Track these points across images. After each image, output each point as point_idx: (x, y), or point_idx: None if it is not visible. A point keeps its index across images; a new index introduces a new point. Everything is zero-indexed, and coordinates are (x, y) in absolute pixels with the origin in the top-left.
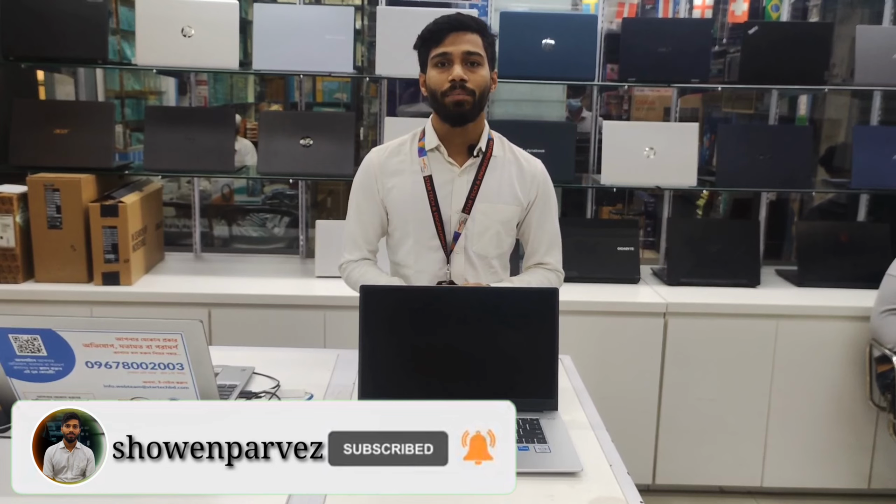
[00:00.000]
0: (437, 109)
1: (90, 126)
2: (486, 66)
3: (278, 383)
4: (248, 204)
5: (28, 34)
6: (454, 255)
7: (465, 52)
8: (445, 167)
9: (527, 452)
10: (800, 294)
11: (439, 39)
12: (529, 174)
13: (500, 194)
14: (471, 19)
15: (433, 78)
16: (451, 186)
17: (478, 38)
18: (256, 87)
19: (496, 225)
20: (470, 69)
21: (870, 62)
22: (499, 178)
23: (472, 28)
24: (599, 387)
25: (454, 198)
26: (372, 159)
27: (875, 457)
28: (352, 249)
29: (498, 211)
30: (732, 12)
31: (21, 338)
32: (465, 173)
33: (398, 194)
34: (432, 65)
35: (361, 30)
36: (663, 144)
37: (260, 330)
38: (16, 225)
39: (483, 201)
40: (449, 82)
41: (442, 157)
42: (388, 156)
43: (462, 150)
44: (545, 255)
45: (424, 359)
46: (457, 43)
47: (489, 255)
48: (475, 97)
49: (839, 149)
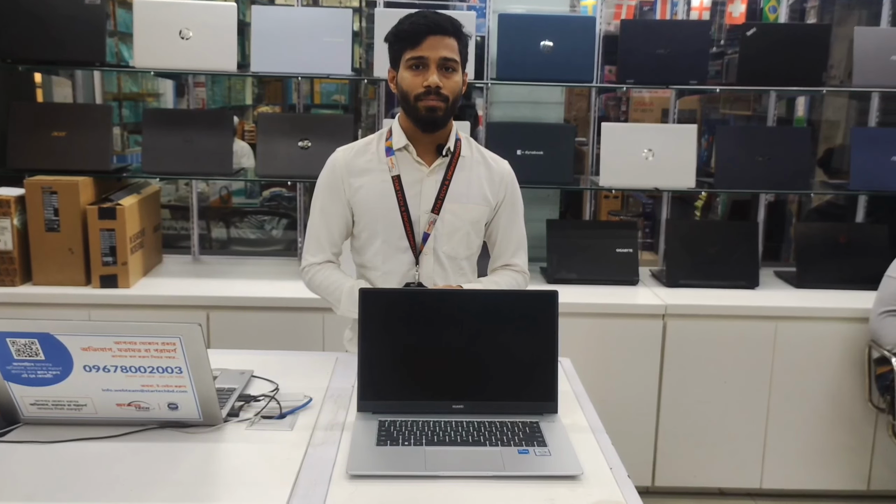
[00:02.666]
0: (407, 111)
1: (88, 129)
2: (460, 71)
3: (277, 387)
4: (247, 206)
5: (26, 37)
6: (423, 257)
7: (441, 57)
8: (414, 167)
9: (527, 456)
10: (798, 296)
11: (416, 42)
12: (498, 174)
13: (469, 195)
14: (448, 22)
15: (407, 80)
16: (419, 186)
17: (454, 42)
18: (254, 89)
19: (465, 225)
20: (445, 74)
21: (868, 63)
22: (467, 178)
23: (449, 32)
24: (598, 389)
25: (423, 198)
26: (337, 158)
27: (874, 458)
28: (315, 251)
29: (467, 211)
30: (730, 14)
31: (19, 342)
32: (434, 173)
33: (365, 194)
34: (406, 66)
35: (360, 32)
36: (662, 146)
37: (258, 332)
38: (13, 228)
39: (452, 201)
40: (424, 87)
41: (410, 156)
42: (355, 155)
43: (430, 149)
44: (512, 256)
45: (424, 362)
46: (434, 47)
47: (458, 255)
48: (448, 103)
49: (838, 150)
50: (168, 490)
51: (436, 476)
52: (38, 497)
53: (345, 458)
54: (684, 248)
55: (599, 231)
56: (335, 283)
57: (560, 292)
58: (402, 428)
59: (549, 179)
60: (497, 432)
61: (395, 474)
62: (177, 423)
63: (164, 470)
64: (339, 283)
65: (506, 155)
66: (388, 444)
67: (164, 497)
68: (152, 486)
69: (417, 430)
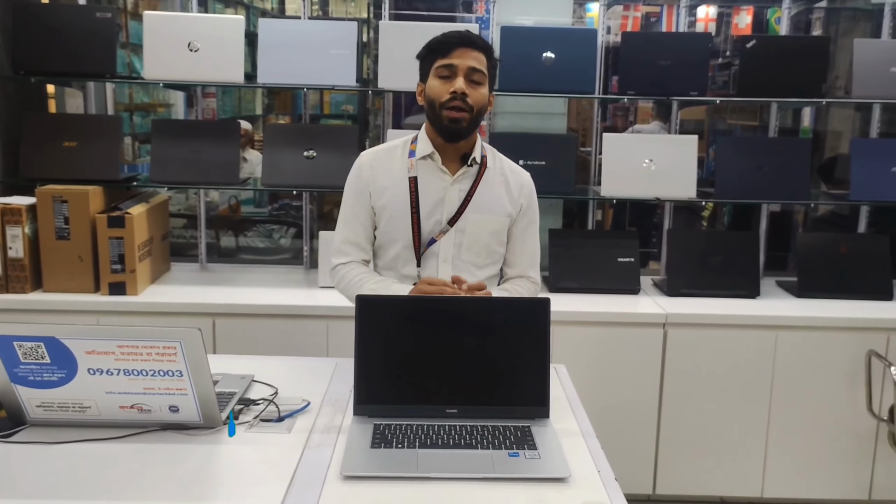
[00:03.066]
0: (432, 120)
1: (98, 139)
2: (487, 86)
3: (276, 391)
4: (255, 215)
5: (38, 49)
6: (443, 265)
7: (469, 67)
8: (437, 175)
9: (517, 458)
10: (799, 305)
11: (447, 52)
12: (517, 185)
13: (491, 206)
14: (479, 38)
15: (434, 88)
16: (442, 194)
17: (483, 57)
18: (264, 100)
19: (487, 236)
20: (472, 85)
21: (868, 75)
22: (490, 189)
23: (479, 47)
24: (599, 397)
25: (446, 206)
26: (363, 163)
27: (875, 467)
28: (339, 255)
29: (490, 222)
30: (736, 25)
31: (25, 345)
32: (458, 182)
33: (388, 198)
34: (435, 75)
35: (367, 43)
36: (663, 156)
37: (263, 339)
38: (24, 236)
39: (476, 212)
40: (450, 93)
41: (435, 165)
42: (380, 159)
43: (455, 158)
44: (527, 268)
45: (418, 367)
46: (463, 57)
47: (479, 263)
48: (472, 114)
49: (840, 160)
50: (168, 489)
51: (427, 478)
52: (44, 495)
53: (340, 460)
54: (685, 257)
55: (601, 240)
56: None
57: (562, 301)
58: (396, 431)
59: (552, 189)
60: (489, 436)
61: (388, 475)
62: (177, 426)
63: (165, 470)
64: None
65: None
66: (382, 447)
67: (164, 496)
68: (153, 485)
69: (411, 434)
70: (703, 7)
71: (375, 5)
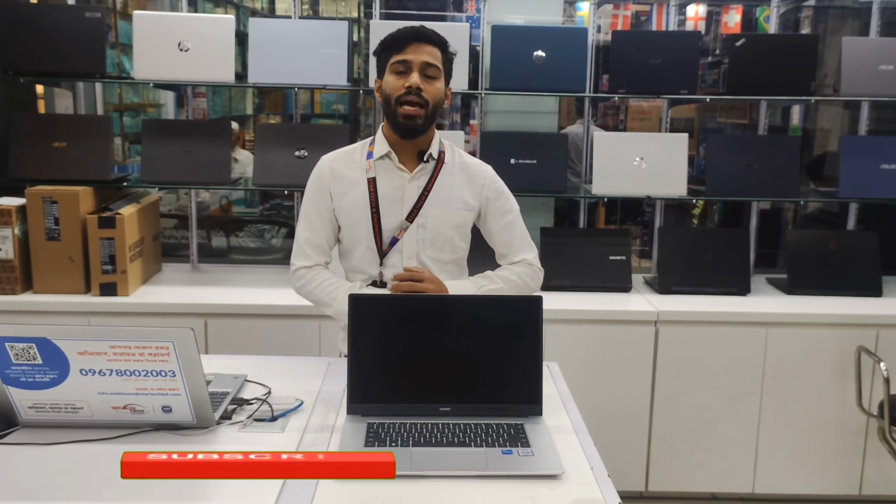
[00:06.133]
0: (389, 117)
1: (88, 139)
2: (442, 80)
3: (269, 390)
4: (246, 215)
5: (27, 49)
6: (406, 261)
7: (424, 62)
8: (395, 173)
9: (510, 456)
10: (789, 302)
11: (401, 47)
12: (479, 178)
13: (451, 200)
14: (433, 33)
15: (390, 83)
16: (401, 192)
17: (438, 51)
18: (255, 100)
19: (449, 230)
20: (426, 80)
21: (856, 73)
22: (449, 183)
23: (433, 41)
24: (591, 394)
25: (405, 203)
26: (323, 165)
27: (865, 463)
28: (302, 257)
29: (451, 216)
30: (725, 23)
31: (17, 346)
32: (415, 179)
33: (348, 201)
34: (391, 71)
35: (358, 42)
36: (653, 154)
37: (256, 339)
38: (14, 237)
39: (435, 207)
40: (405, 88)
41: (392, 163)
42: (340, 162)
43: (412, 156)
44: (517, 254)
45: (411, 366)
46: (417, 53)
47: (443, 259)
48: (427, 109)
49: (830, 158)
50: (161, 490)
51: (421, 475)
52: (37, 497)
53: None
54: (676, 255)
55: (592, 238)
56: (330, 283)
57: (554, 299)
58: (389, 430)
59: (543, 188)
60: (482, 434)
61: None
62: (171, 426)
63: None
64: (334, 283)
65: (500, 163)
66: (376, 445)
67: (157, 496)
68: (146, 486)
69: (405, 432)
70: (693, 6)
71: (366, 4)
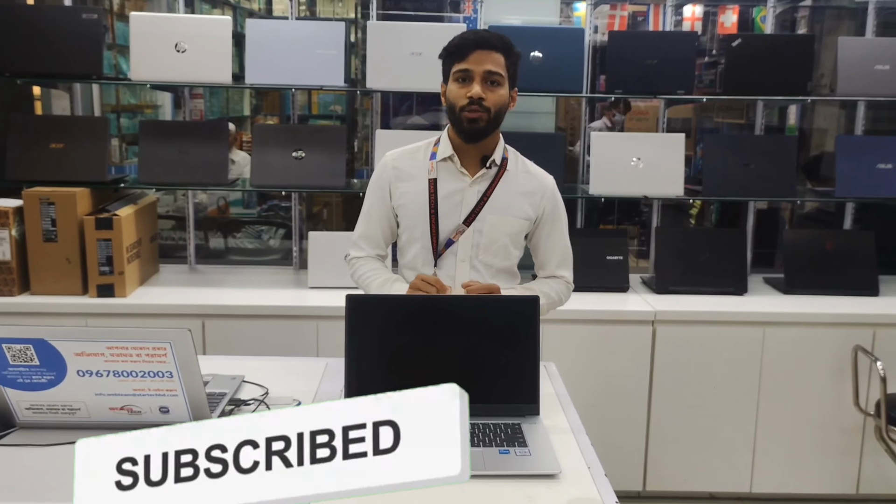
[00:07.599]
0: (453, 122)
1: (85, 140)
2: (506, 86)
3: (267, 391)
4: (244, 216)
5: (24, 50)
6: (460, 264)
7: (486, 70)
8: (457, 176)
9: (507, 456)
10: (786, 301)
11: (463, 55)
12: (539, 189)
13: (509, 207)
14: (497, 38)
15: (453, 92)
16: (461, 196)
17: (501, 57)
18: (252, 100)
19: (504, 237)
20: (489, 88)
21: (852, 73)
22: (509, 191)
23: (496, 47)
24: (589, 394)
25: (464, 207)
26: (387, 163)
27: (863, 462)
28: (356, 249)
29: (508, 224)
30: (722, 24)
31: (14, 347)
32: (476, 184)
33: (408, 199)
34: (453, 79)
35: (355, 43)
36: (650, 154)
37: (253, 340)
38: (11, 238)
39: (493, 213)
40: (466, 98)
41: (454, 166)
42: (403, 160)
43: (475, 160)
44: (556, 269)
45: (409, 365)
46: (480, 61)
47: (495, 265)
48: (490, 115)
49: (826, 158)
50: None
51: None
52: (34, 498)
53: None
54: (674, 255)
55: (590, 238)
56: (370, 274)
57: None
58: None
59: None
60: (479, 433)
61: None
62: None
63: None
64: (373, 275)
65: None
66: None
67: None
68: None
69: None
70: (690, 6)
71: (363, 5)
